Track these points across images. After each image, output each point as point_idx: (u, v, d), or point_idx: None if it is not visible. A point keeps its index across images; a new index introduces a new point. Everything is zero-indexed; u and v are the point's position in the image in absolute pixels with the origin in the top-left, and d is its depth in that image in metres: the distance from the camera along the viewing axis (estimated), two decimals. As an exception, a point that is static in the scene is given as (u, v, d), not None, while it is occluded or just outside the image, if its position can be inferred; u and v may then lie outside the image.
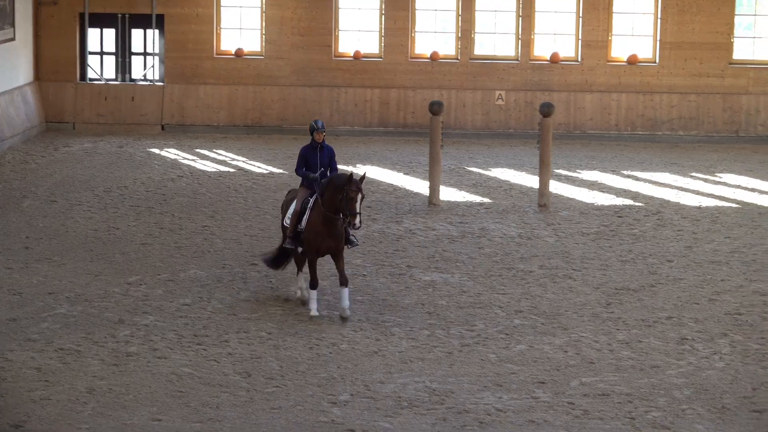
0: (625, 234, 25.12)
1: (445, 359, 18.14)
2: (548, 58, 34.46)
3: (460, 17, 34.48)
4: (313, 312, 19.54)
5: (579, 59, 34.41)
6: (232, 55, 34.99)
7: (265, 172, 30.45)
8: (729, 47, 34.25)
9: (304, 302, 20.15)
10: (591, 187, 29.11)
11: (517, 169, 30.70)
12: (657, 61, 34.33)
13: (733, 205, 27.68)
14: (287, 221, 19.91)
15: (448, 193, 27.97)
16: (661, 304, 20.81)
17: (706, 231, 25.44)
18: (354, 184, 18.77)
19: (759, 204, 27.76)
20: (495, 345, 18.76)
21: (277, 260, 20.70)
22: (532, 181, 28.85)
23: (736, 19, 34.33)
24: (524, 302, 20.81)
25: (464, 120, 34.37)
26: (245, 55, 34.93)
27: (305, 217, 19.46)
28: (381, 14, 34.49)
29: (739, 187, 29.35)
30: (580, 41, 34.40)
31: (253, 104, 34.71)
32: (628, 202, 27.82)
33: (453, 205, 27.21)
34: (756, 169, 31.17)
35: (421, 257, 23.35)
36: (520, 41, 34.48)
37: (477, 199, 27.91)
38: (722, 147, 33.59)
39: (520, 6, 34.37)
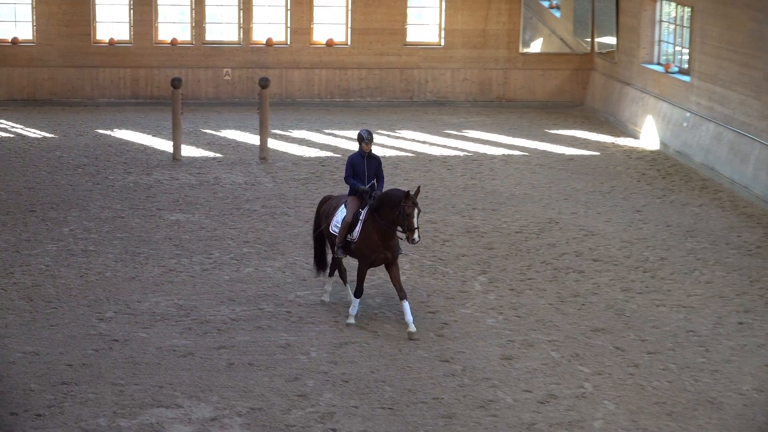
0: (327, 179, 25.32)
1: (189, 281, 18.10)
2: (264, 42, 34.38)
3: (193, 10, 34.11)
4: (350, 320, 16.29)
5: (288, 43, 34.40)
6: (9, 43, 33.89)
7: (39, 137, 29.62)
8: (403, 32, 34.68)
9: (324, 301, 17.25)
10: (300, 143, 29.23)
11: (242, 130, 30.62)
12: (349, 43, 34.56)
13: (410, 154, 28.14)
14: (334, 229, 16.55)
15: (188, 151, 27.74)
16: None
17: (389, 175, 25.78)
18: (410, 200, 15.67)
19: (429, 153, 28.28)
20: (228, 269, 18.78)
21: (320, 264, 17.36)
22: (254, 139, 28.82)
23: (409, 10, 34.73)
24: (250, 234, 20.85)
25: (199, 92, 34.08)
26: (20, 42, 33.89)
27: (357, 228, 16.20)
28: (130, 8, 33.85)
29: (414, 140, 29.83)
30: (288, 29, 34.38)
31: (27, 82, 33.72)
32: (330, 154, 28.03)
33: (192, 160, 27.02)
34: (426, 126, 31.73)
35: (168, 201, 23.15)
36: (241, 29, 34.30)
37: (211, 154, 27.76)
38: (400, 109, 34.08)
39: (241, 1, 34.17)
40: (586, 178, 25.76)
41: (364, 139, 16.49)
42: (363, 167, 16.50)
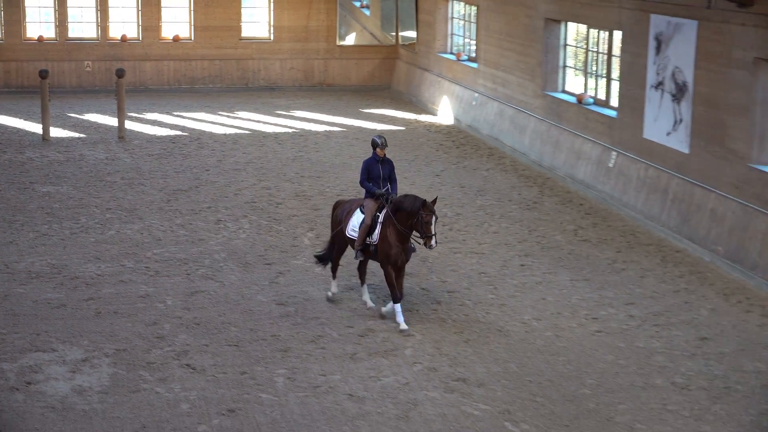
0: (177, 154, 25.02)
1: (60, 243, 17.73)
2: (119, 39, 33.67)
3: (57, 11, 33.17)
4: (403, 326, 14.08)
5: (140, 39, 33.78)
6: None
7: None
8: (239, 29, 34.38)
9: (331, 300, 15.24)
10: (153, 124, 28.76)
11: (102, 113, 29.98)
12: (192, 39, 34.11)
13: (247, 132, 27.97)
14: (352, 233, 14.61)
15: (55, 132, 27.03)
16: (203, 199, 20.91)
17: (230, 149, 25.65)
18: (428, 208, 13.84)
19: (262, 131, 28.16)
20: (94, 232, 18.45)
21: (324, 258, 15.42)
22: (112, 121, 28.25)
23: (243, 10, 34.42)
24: (112, 202, 20.49)
25: (64, 82, 33.21)
26: None
27: (377, 231, 14.32)
28: (1, 10, 32.75)
29: (249, 120, 29.66)
30: (140, 26, 33.75)
31: None
32: (178, 132, 27.67)
33: (60, 140, 26.35)
34: (260, 108, 31.57)
35: (39, 176, 22.57)
36: (99, 27, 33.52)
37: (76, 135, 27.10)
38: (238, 94, 33.82)
39: (98, 2, 33.38)
40: (394, 149, 25.99)
41: (379, 144, 14.50)
42: (378, 170, 14.59)
